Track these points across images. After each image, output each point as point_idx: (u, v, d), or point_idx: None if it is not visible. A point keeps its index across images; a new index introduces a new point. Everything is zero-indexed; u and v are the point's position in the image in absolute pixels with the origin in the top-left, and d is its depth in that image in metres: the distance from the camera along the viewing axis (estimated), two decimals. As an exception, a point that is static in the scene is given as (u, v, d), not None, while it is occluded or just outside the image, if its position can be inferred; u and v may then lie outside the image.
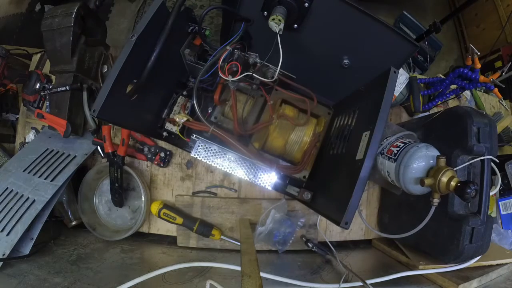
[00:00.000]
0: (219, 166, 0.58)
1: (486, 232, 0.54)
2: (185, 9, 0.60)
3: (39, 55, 0.76)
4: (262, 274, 0.46)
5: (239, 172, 0.58)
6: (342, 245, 0.74)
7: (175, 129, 0.63)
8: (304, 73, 0.59)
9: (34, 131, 0.73)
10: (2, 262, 0.54)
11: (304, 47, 0.60)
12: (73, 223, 0.69)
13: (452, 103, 0.86)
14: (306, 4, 0.50)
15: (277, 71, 0.53)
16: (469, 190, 0.42)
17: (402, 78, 0.77)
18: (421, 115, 0.78)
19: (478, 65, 0.76)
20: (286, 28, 0.51)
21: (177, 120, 0.60)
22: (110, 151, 0.65)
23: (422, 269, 0.60)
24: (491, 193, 0.58)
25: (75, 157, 0.66)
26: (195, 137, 0.60)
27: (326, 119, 0.66)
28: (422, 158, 0.49)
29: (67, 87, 0.64)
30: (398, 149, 0.53)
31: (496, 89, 0.76)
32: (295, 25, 0.55)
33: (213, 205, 0.70)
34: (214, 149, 0.58)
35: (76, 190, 0.69)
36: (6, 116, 0.76)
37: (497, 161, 0.56)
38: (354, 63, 0.59)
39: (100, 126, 0.69)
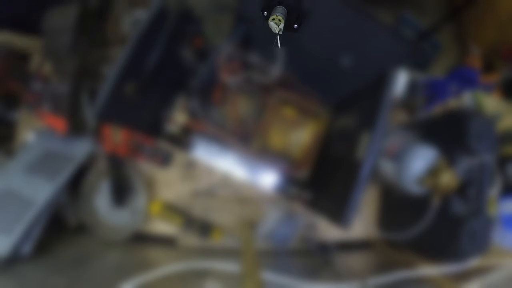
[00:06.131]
0: (219, 166, 0.58)
1: (486, 232, 0.54)
2: (186, 9, 0.60)
3: (39, 55, 0.75)
4: (262, 274, 0.46)
5: (239, 172, 0.58)
6: (342, 245, 0.74)
7: (175, 129, 0.63)
8: (304, 72, 0.60)
9: (33, 131, 0.73)
10: (1, 263, 0.54)
11: (304, 47, 0.60)
12: (73, 223, 0.69)
13: (452, 103, 0.85)
14: (295, 26, 0.50)
15: (277, 71, 0.53)
16: (469, 190, 0.42)
17: (402, 78, 0.77)
18: (421, 115, 0.78)
19: (478, 65, 0.76)
20: (286, 28, 0.51)
21: (178, 120, 0.60)
22: (110, 151, 0.65)
23: (422, 269, 0.60)
24: (491, 193, 0.58)
25: (75, 157, 0.66)
26: (195, 137, 0.60)
27: (326, 119, 0.66)
28: (422, 158, 0.49)
29: (67, 87, 0.64)
30: (398, 149, 0.53)
31: (496, 89, 0.76)
32: (295, 25, 0.55)
33: (213, 205, 0.70)
34: (214, 149, 0.59)
35: (76, 190, 0.68)
36: (6, 116, 0.76)
37: (497, 161, 0.56)
38: (354, 63, 0.59)
39: (100, 126, 0.69)
